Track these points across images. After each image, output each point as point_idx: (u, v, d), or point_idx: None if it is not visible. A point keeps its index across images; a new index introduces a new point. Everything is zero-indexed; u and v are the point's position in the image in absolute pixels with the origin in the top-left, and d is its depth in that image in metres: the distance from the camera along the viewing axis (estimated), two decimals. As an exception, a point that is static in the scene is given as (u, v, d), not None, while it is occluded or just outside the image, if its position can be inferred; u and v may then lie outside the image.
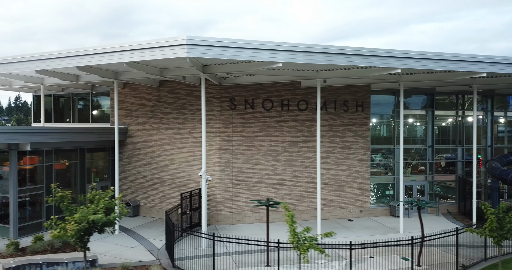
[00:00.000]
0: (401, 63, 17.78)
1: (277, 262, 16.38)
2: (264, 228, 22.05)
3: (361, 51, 17.29)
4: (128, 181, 25.14)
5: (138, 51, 16.32)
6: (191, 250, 17.07)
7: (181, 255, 16.48)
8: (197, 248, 17.67)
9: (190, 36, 15.35)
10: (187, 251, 16.80)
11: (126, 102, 25.18)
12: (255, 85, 22.88)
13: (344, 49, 17.15)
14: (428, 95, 26.51)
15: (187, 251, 16.85)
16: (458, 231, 15.94)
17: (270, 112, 23.32)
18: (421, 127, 27.15)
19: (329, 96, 24.13)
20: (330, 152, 24.22)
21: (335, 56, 17.01)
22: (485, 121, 28.14)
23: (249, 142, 23.02)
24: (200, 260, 16.29)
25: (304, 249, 12.28)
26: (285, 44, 16.56)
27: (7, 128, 23.19)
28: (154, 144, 24.27)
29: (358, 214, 24.72)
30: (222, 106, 22.63)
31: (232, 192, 22.78)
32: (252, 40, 16.41)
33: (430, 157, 26.56)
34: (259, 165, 23.17)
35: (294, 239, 12.71)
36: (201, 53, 15.68)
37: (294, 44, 16.62)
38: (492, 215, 14.50)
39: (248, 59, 16.48)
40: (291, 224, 12.85)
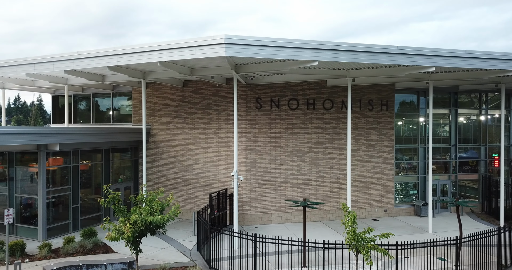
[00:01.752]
0: (435, 61, 17.67)
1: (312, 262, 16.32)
2: (291, 228, 22.01)
3: (396, 49, 17.18)
4: (151, 182, 24.94)
5: (174, 50, 16.17)
6: (224, 251, 16.88)
7: (215, 256, 16.32)
8: (229, 249, 17.49)
9: (228, 35, 15.23)
10: (220, 252, 16.61)
11: (149, 102, 24.98)
12: (281, 84, 22.73)
13: (380, 48, 17.01)
14: (452, 93, 26.40)
15: (220, 252, 16.66)
16: (500, 231, 15.81)
17: (295, 112, 23.16)
18: (444, 126, 27.02)
19: (354, 95, 23.97)
20: (355, 151, 24.08)
21: (370, 54, 16.90)
22: (508, 119, 28.03)
23: (274, 142, 22.87)
24: (235, 261, 16.12)
25: (367, 250, 12.13)
26: (323, 42, 16.43)
27: (37, 128, 23.02)
28: (178, 144, 24.09)
29: (382, 214, 24.60)
30: (248, 106, 22.46)
31: (258, 192, 22.63)
32: (289, 38, 16.26)
33: (453, 156, 26.45)
34: (285, 165, 23.02)
35: (353, 240, 12.57)
36: (239, 52, 15.55)
37: (331, 43, 16.50)
38: None
39: (286, 57, 16.34)
40: (351, 224, 12.69)
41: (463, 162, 27.03)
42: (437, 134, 27.12)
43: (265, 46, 15.76)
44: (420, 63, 17.60)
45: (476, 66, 18.35)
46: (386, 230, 21.54)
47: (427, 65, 17.70)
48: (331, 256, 16.28)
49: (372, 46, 16.96)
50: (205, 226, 16.41)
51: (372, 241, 12.73)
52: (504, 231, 15.80)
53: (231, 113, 22.59)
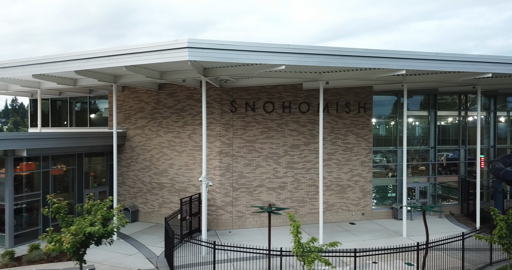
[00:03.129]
0: (405, 64, 17.47)
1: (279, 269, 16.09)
2: (265, 232, 21.72)
3: (365, 52, 16.97)
4: (127, 186, 24.69)
5: (138, 55, 15.89)
6: (191, 257, 16.66)
7: (180, 262, 16.10)
8: (197, 255, 17.26)
9: (191, 39, 14.97)
10: (187, 259, 16.39)
11: (125, 106, 24.72)
12: (256, 87, 22.51)
13: (348, 51, 16.81)
14: (431, 95, 26.25)
15: (187, 258, 16.44)
16: (464, 236, 15.65)
17: (271, 115, 22.95)
18: (423, 128, 26.87)
19: (331, 98, 23.80)
20: (332, 154, 23.89)
21: (338, 58, 16.69)
22: (488, 121, 27.90)
23: (250, 146, 22.65)
24: (199, 268, 15.90)
25: (310, 260, 11.91)
26: (289, 46, 16.20)
27: (2, 134, 22.66)
28: (153, 148, 23.84)
29: (360, 217, 24.41)
30: (222, 109, 22.24)
31: (233, 197, 22.40)
32: (255, 42, 16.03)
33: (432, 158, 26.31)
34: (260, 169, 22.81)
35: (298, 250, 12.34)
36: (202, 56, 15.30)
37: (297, 46, 16.28)
38: (501, 222, 14.22)
39: (251, 61, 16.11)
40: (296, 234, 12.47)
41: (443, 164, 26.90)
42: (416, 136, 26.97)
43: (230, 50, 15.51)
44: (390, 66, 17.41)
45: (447, 68, 18.18)
46: (362, 234, 21.44)
47: (397, 68, 17.50)
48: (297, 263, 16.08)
49: (340, 49, 16.76)
50: (169, 232, 16.17)
51: (320, 250, 12.51)
52: (468, 236, 15.64)
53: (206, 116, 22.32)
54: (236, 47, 15.56)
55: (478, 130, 22.30)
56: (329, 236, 20.85)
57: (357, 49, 16.97)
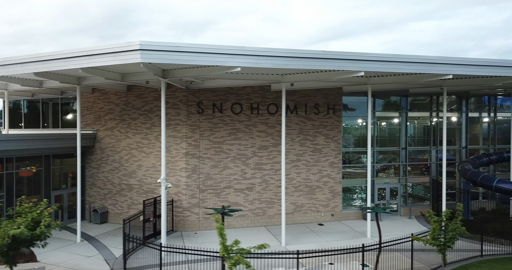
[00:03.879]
0: (364, 66, 17.53)
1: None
2: (232, 234, 21.73)
3: (322, 54, 17.04)
4: (97, 187, 24.71)
5: (93, 57, 15.92)
6: (149, 259, 16.66)
7: (136, 264, 16.15)
8: (155, 257, 17.26)
9: (143, 41, 14.99)
10: (145, 260, 16.40)
11: (95, 107, 24.75)
12: (223, 88, 22.55)
13: (305, 53, 16.89)
14: (402, 96, 26.32)
15: (144, 260, 16.45)
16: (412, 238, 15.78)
17: (239, 116, 23.00)
18: (394, 129, 26.94)
19: (300, 99, 23.86)
20: (301, 155, 23.95)
21: (295, 59, 16.75)
22: (460, 122, 27.99)
23: (217, 147, 22.69)
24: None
25: (232, 262, 11.97)
26: (244, 48, 16.29)
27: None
28: (122, 149, 23.86)
29: (329, 218, 24.47)
30: (189, 111, 22.28)
31: (199, 198, 22.44)
32: (210, 44, 16.09)
33: (403, 159, 26.38)
34: (228, 170, 22.85)
35: (223, 253, 12.41)
36: (155, 58, 15.34)
37: (253, 48, 16.35)
38: (434, 223, 14.43)
39: (206, 63, 16.18)
40: (221, 236, 12.52)
41: (413, 165, 27.02)
42: (388, 137, 27.04)
43: (184, 52, 15.55)
44: (349, 68, 17.48)
45: (407, 70, 18.29)
46: (327, 235, 21.51)
47: (356, 69, 17.57)
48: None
49: (297, 51, 16.82)
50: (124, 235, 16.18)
51: (248, 252, 12.57)
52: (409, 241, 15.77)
53: (172, 118, 22.41)
54: (189, 49, 15.61)
55: (444, 131, 22.39)
56: (294, 238, 20.94)
57: (314, 51, 17.04)
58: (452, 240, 14.53)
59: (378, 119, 26.37)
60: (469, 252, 17.92)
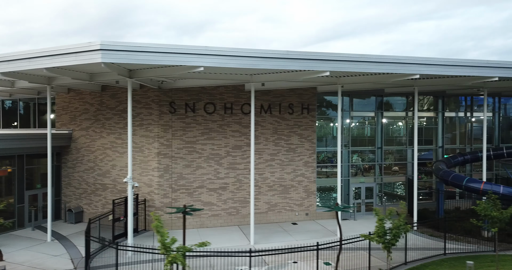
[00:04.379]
0: (330, 65, 17.64)
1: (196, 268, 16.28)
2: (203, 233, 21.93)
3: (286, 54, 17.12)
4: (72, 187, 24.76)
5: (56, 57, 15.98)
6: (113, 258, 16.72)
7: (100, 263, 16.21)
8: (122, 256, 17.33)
9: (104, 41, 15.07)
10: (109, 259, 16.45)
11: (71, 107, 24.80)
12: (196, 88, 22.63)
13: (270, 53, 16.97)
14: (378, 96, 26.44)
15: (109, 259, 16.50)
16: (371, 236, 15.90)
17: (212, 116, 23.08)
18: (371, 129, 27.06)
19: (274, 99, 23.96)
20: (275, 155, 24.05)
21: (260, 59, 16.84)
22: (437, 121, 28.12)
23: (190, 147, 22.77)
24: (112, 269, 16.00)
25: (168, 260, 12.08)
26: (207, 48, 16.35)
27: None
28: (97, 149, 23.91)
29: (304, 217, 24.56)
30: (161, 110, 22.35)
31: (172, 198, 22.50)
32: (172, 44, 16.18)
33: (379, 158, 26.50)
34: (201, 170, 22.92)
35: (162, 251, 12.51)
36: (117, 58, 15.41)
37: (216, 48, 16.42)
38: (379, 221, 14.64)
39: (168, 63, 16.25)
40: (159, 234, 12.61)
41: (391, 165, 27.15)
42: (364, 137, 27.16)
43: (146, 52, 15.62)
44: (315, 68, 17.58)
45: (373, 70, 18.38)
46: (298, 234, 21.61)
47: (322, 69, 17.67)
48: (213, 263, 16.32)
49: (261, 51, 16.89)
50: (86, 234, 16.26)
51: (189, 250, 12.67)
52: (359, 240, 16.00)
53: (145, 117, 22.50)
54: (152, 49, 15.68)
55: (416, 131, 22.51)
56: (264, 237, 21.04)
57: (279, 51, 17.12)
58: (395, 238, 14.66)
59: (353, 119, 26.47)
60: (433, 250, 18.07)
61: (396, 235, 14.51)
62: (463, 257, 17.38)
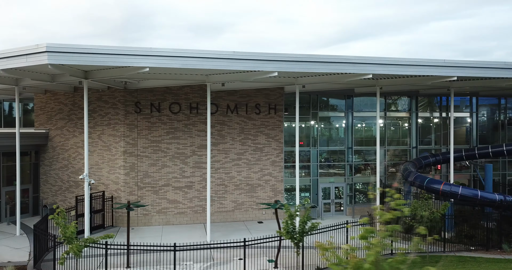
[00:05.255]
0: (277, 66, 17.87)
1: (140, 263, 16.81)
2: (168, 230, 22.45)
3: (233, 55, 17.45)
4: (49, 184, 25.74)
5: (8, 59, 16.78)
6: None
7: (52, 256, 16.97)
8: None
9: (50, 43, 15.75)
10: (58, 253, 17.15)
11: (47, 107, 25.81)
12: (161, 88, 23.21)
13: (215, 54, 17.34)
14: (347, 96, 26.41)
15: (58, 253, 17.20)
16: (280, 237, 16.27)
17: (177, 116, 23.61)
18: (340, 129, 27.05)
19: (241, 99, 24.31)
20: (242, 154, 24.38)
21: (206, 60, 17.23)
22: (410, 122, 27.83)
23: (155, 146, 23.36)
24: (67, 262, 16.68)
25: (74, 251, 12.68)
26: (152, 49, 16.86)
27: None
28: (70, 148, 24.82)
29: (271, 216, 24.67)
30: (126, 110, 23.03)
31: (138, 195, 23.14)
32: (118, 46, 16.91)
33: (350, 159, 26.45)
34: (166, 168, 23.48)
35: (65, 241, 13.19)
36: (63, 60, 16.07)
37: (160, 49, 16.92)
38: (287, 217, 14.87)
39: (114, 64, 16.86)
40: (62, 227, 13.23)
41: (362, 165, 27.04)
42: (334, 137, 27.15)
43: (92, 54, 16.23)
44: (262, 68, 17.86)
45: (323, 70, 18.53)
46: (259, 232, 21.81)
47: (269, 70, 17.93)
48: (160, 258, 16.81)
49: (206, 52, 17.30)
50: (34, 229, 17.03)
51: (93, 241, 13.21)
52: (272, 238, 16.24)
53: (112, 117, 23.23)
54: (98, 51, 16.27)
55: (378, 131, 22.42)
56: (224, 234, 21.38)
57: (224, 51, 17.47)
58: (300, 234, 14.80)
59: (323, 119, 26.52)
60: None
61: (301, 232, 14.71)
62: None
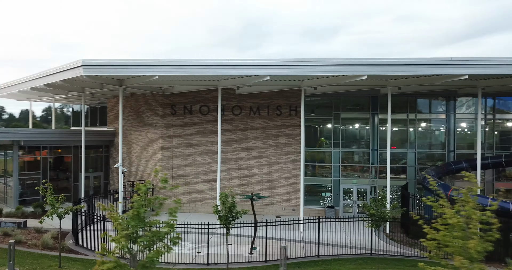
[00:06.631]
0: (268, 70, 19.52)
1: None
2: (194, 217, 25.55)
3: (227, 62, 19.71)
4: (115, 173, 31.17)
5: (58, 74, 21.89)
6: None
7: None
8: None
9: (85, 59, 20.21)
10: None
11: (115, 110, 31.36)
12: (192, 93, 26.47)
13: (210, 61, 19.79)
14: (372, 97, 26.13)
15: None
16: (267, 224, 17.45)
17: (206, 116, 26.60)
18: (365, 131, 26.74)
19: (262, 102, 26.17)
20: (263, 153, 26.19)
21: (204, 67, 19.84)
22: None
23: (187, 143, 26.72)
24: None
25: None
26: (159, 60, 20.11)
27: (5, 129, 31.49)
28: (128, 143, 29.81)
29: (290, 213, 25.99)
30: (164, 112, 26.88)
31: (172, 185, 26.66)
32: (131, 59, 20.58)
33: (374, 160, 26.02)
34: (196, 163, 26.65)
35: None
36: (94, 72, 20.39)
37: (166, 60, 20.07)
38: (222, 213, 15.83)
39: (129, 74, 20.58)
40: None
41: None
42: (358, 139, 26.93)
43: (113, 66, 20.25)
44: (256, 73, 19.70)
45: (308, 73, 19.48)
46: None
47: (261, 74, 19.66)
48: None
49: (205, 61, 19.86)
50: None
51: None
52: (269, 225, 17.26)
53: (154, 118, 27.39)
54: (116, 63, 20.23)
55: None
56: (234, 224, 23.52)
57: (219, 59, 19.82)
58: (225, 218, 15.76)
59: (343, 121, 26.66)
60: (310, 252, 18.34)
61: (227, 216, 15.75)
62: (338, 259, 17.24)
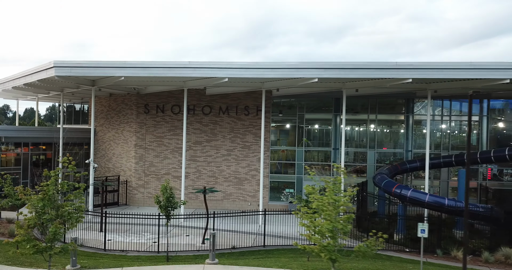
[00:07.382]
0: (227, 73, 20.85)
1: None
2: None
3: (188, 64, 21.05)
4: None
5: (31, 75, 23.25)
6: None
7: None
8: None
9: (57, 60, 21.55)
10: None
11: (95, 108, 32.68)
12: (165, 93, 27.81)
13: (172, 64, 21.13)
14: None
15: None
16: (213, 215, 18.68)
17: (178, 116, 27.93)
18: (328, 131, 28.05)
19: (232, 102, 27.50)
20: (231, 151, 27.51)
21: (166, 69, 21.16)
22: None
23: (159, 140, 28.06)
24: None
25: None
26: (125, 62, 21.45)
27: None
28: (106, 140, 31.16)
29: (256, 208, 27.22)
30: (138, 111, 28.23)
31: (144, 181, 28.11)
32: (101, 60, 21.88)
33: (336, 159, 27.31)
34: (167, 160, 27.97)
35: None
36: (65, 73, 21.72)
37: (132, 62, 21.42)
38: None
39: (99, 75, 21.92)
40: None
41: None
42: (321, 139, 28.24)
43: (83, 67, 21.59)
44: (215, 75, 21.02)
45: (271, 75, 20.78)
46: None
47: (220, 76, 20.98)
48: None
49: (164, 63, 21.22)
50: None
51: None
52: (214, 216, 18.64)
53: (129, 116, 28.75)
54: (86, 65, 21.56)
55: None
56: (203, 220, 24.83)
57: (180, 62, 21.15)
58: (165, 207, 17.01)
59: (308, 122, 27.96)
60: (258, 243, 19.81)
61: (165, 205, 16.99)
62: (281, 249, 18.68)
